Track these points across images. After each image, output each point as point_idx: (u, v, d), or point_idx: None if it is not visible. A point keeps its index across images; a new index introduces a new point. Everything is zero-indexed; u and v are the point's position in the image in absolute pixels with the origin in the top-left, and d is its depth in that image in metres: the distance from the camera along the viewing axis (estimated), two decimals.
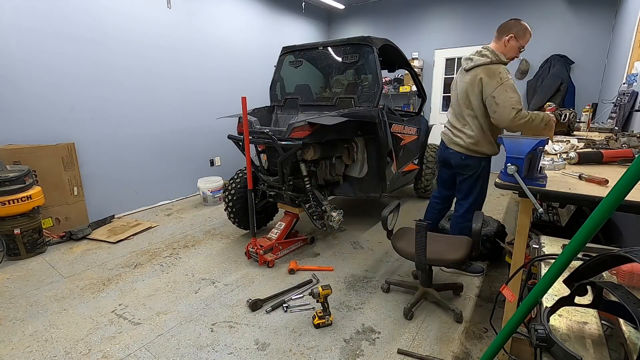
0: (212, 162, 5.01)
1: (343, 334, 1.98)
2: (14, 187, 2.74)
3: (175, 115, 4.41)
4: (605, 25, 4.71)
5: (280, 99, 3.46)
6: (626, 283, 0.93)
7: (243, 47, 5.22)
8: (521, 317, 0.83)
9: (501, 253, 2.76)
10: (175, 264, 2.83)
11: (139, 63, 3.94)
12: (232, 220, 3.29)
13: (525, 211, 1.47)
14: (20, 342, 1.93)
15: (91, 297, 2.36)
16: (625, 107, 2.89)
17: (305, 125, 2.49)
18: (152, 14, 4.00)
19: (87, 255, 2.98)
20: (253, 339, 1.95)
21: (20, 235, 2.83)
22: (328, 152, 2.88)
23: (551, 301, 0.84)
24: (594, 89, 4.91)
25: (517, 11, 5.25)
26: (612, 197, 0.66)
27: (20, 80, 3.09)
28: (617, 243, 2.13)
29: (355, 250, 3.04)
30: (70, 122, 3.45)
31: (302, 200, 2.88)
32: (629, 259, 0.67)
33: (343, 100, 3.01)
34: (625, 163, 1.82)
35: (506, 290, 1.14)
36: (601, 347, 0.76)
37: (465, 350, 1.85)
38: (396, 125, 3.27)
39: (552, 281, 0.77)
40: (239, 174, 3.29)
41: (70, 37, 3.35)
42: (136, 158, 4.07)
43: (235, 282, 2.54)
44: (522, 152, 1.39)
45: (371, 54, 2.96)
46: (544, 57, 5.16)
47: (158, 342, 1.93)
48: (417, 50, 6.20)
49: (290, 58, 3.47)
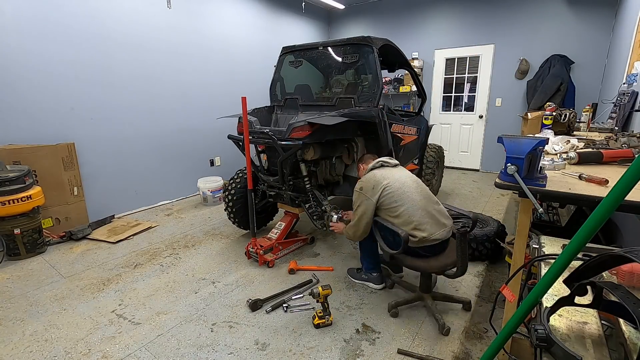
0: (212, 162, 5.01)
1: (343, 334, 1.98)
2: (14, 187, 2.74)
3: (175, 115, 4.42)
4: (605, 25, 4.71)
5: (280, 99, 3.46)
6: (626, 283, 0.93)
7: (243, 47, 5.22)
8: (521, 317, 0.83)
9: (501, 253, 2.77)
10: (175, 264, 2.83)
11: (139, 63, 3.94)
12: (232, 220, 3.29)
13: (525, 211, 1.47)
14: (20, 342, 1.93)
15: (91, 297, 2.36)
16: (625, 107, 2.89)
17: (305, 125, 2.49)
18: (152, 14, 4.00)
19: (87, 255, 2.98)
20: (253, 339, 1.95)
21: (20, 235, 2.84)
22: (328, 152, 2.87)
23: (551, 301, 0.85)
24: (594, 89, 4.91)
25: (517, 11, 5.26)
26: (612, 197, 0.66)
27: (20, 81, 3.09)
28: (617, 243, 2.14)
29: (355, 250, 3.04)
30: (70, 122, 3.46)
31: (302, 200, 2.88)
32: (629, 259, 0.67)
33: (343, 100, 3.01)
34: (625, 163, 1.82)
35: (506, 290, 1.14)
36: (601, 347, 0.76)
37: (465, 350, 1.85)
38: (396, 125, 3.27)
39: (552, 281, 0.77)
40: (238, 174, 3.29)
41: (70, 36, 3.35)
42: (136, 158, 4.07)
43: (235, 282, 2.54)
44: (522, 152, 1.39)
45: (371, 53, 2.96)
46: (544, 57, 5.16)
47: (158, 342, 1.93)
48: (417, 50, 6.20)
49: (290, 58, 3.46)
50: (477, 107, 5.95)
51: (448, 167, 6.22)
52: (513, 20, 5.32)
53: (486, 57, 5.68)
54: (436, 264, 1.99)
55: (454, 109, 6.24)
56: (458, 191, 4.86)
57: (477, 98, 5.92)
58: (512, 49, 5.41)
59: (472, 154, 6.18)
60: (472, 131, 6.09)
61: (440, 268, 1.98)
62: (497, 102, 5.73)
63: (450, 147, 6.31)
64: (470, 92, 6.01)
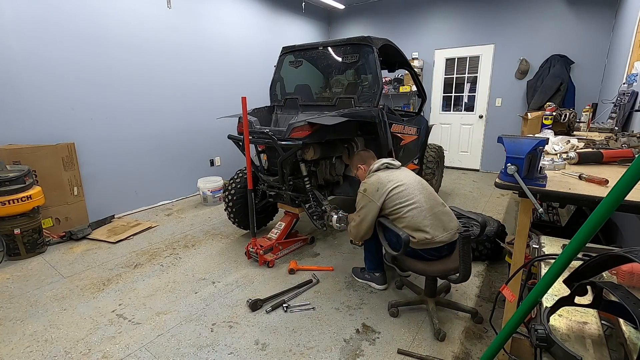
0: (212, 162, 5.01)
1: (343, 334, 1.98)
2: (14, 187, 2.74)
3: (175, 115, 4.41)
4: (605, 25, 4.71)
5: (280, 99, 3.46)
6: (626, 283, 0.93)
7: (243, 47, 5.22)
8: (521, 317, 0.83)
9: (501, 253, 2.77)
10: (175, 264, 2.83)
11: (139, 63, 3.95)
12: (232, 220, 3.29)
13: (525, 211, 1.47)
14: (20, 342, 1.93)
15: (91, 297, 2.36)
16: (625, 107, 2.89)
17: (305, 125, 2.49)
18: (152, 14, 4.00)
19: (87, 255, 2.98)
20: (253, 339, 1.95)
21: (20, 235, 2.84)
22: (328, 152, 2.87)
23: (551, 301, 0.85)
24: (594, 89, 4.91)
25: (517, 11, 5.26)
26: (612, 197, 0.66)
27: (20, 81, 3.09)
28: (617, 243, 2.14)
29: (355, 250, 3.04)
30: (70, 122, 3.45)
31: (302, 200, 2.88)
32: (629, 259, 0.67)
33: (343, 100, 3.01)
34: (625, 163, 1.82)
35: (506, 290, 1.14)
36: (601, 347, 0.76)
37: (465, 350, 1.85)
38: (396, 125, 3.27)
39: (552, 281, 0.77)
40: (238, 173, 3.29)
41: (70, 36, 3.35)
42: (136, 158, 4.07)
43: (235, 282, 2.54)
44: (522, 152, 1.39)
45: (371, 53, 2.96)
46: (544, 57, 5.16)
47: (158, 342, 1.93)
48: (417, 50, 6.20)
49: (291, 58, 3.46)
50: (477, 107, 5.95)
51: (448, 167, 6.23)
52: (513, 20, 5.32)
53: (486, 57, 5.68)
54: (438, 268, 1.95)
55: (454, 109, 6.24)
56: (458, 191, 4.86)
57: (477, 98, 5.92)
58: (512, 49, 5.41)
59: (472, 154, 6.18)
60: (472, 131, 6.09)
61: (442, 272, 1.94)
62: (497, 102, 5.73)
63: (450, 147, 6.31)
64: (470, 92, 6.01)
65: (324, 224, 2.80)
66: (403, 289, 2.44)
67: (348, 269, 2.70)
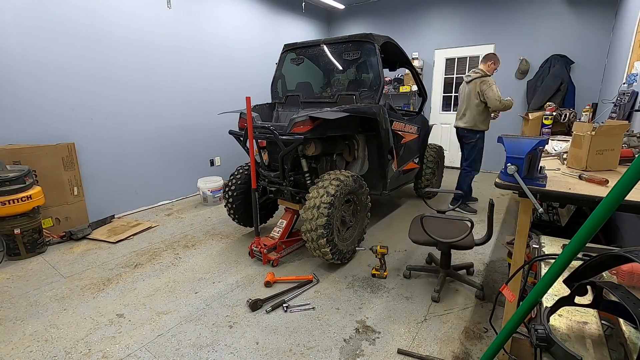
0: (212, 162, 5.01)
1: (343, 334, 1.99)
2: (14, 187, 2.74)
3: (175, 115, 4.41)
4: (605, 25, 4.71)
5: (282, 96, 3.46)
6: (626, 283, 0.93)
7: (243, 47, 5.22)
8: (521, 317, 0.83)
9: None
10: (175, 264, 2.83)
11: (139, 63, 3.94)
12: (232, 217, 3.28)
13: (525, 211, 1.47)
14: (20, 342, 1.93)
15: (91, 297, 2.36)
16: (625, 107, 2.89)
17: (307, 121, 2.48)
18: (152, 14, 3.99)
19: (87, 255, 2.98)
20: (253, 339, 1.95)
21: (20, 235, 2.84)
22: (329, 149, 2.87)
23: (551, 301, 0.85)
24: (594, 89, 4.91)
25: (517, 11, 5.25)
26: (612, 197, 0.66)
27: (20, 80, 3.09)
28: (617, 243, 2.13)
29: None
30: (70, 122, 3.45)
31: (303, 196, 2.88)
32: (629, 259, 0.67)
33: (344, 97, 3.01)
34: (625, 163, 1.82)
35: (506, 290, 1.14)
36: (601, 347, 0.76)
37: (465, 350, 1.85)
38: (397, 123, 3.27)
39: (552, 281, 0.77)
40: (239, 169, 3.28)
41: (70, 37, 3.35)
42: (136, 158, 4.07)
43: (236, 282, 2.54)
44: (522, 152, 1.39)
45: (373, 51, 2.96)
46: (544, 57, 5.16)
47: (158, 342, 1.93)
48: (417, 50, 6.20)
49: (292, 55, 3.46)
50: None
51: (448, 167, 6.21)
52: (513, 20, 5.31)
53: None
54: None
55: (454, 108, 6.23)
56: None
57: None
58: (512, 49, 5.40)
59: None
60: None
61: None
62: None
63: (450, 147, 6.30)
64: None
65: None
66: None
67: (348, 269, 2.70)
